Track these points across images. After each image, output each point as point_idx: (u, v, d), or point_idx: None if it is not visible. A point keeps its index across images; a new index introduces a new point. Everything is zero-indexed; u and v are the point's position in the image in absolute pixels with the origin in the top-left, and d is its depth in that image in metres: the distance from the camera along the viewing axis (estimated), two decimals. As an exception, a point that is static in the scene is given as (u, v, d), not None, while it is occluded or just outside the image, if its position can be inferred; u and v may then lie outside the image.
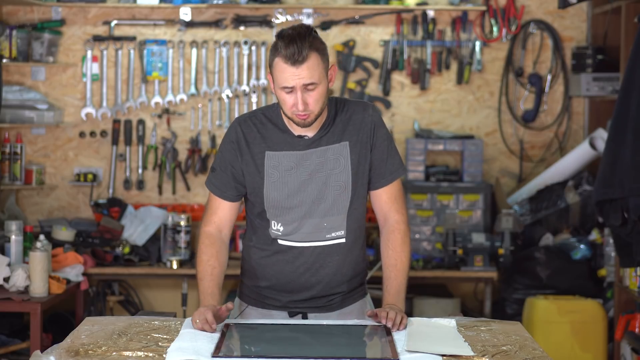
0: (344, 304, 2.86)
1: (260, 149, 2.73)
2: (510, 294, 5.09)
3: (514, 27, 5.43)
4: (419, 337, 2.45)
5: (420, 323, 2.65)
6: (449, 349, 2.34)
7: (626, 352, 4.46)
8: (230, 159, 2.76)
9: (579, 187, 5.22)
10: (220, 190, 2.78)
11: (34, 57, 5.31)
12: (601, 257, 5.03)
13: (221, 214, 2.80)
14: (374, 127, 2.76)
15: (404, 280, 2.81)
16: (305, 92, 2.58)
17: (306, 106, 2.59)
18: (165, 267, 5.00)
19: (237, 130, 2.76)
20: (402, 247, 2.82)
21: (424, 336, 2.47)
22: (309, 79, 2.57)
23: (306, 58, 2.55)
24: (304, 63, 2.55)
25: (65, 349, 2.29)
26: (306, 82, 2.57)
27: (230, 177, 2.76)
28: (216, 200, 2.79)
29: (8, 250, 4.46)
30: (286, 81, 2.57)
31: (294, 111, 2.61)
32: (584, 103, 5.53)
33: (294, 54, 2.54)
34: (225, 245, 2.80)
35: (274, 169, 2.72)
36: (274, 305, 2.84)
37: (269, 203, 2.74)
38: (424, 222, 5.22)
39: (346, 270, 2.83)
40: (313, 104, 2.60)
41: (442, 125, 5.51)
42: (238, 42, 5.39)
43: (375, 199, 2.83)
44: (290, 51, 2.54)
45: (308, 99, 2.59)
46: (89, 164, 5.47)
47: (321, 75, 2.60)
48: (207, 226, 2.80)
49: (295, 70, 2.55)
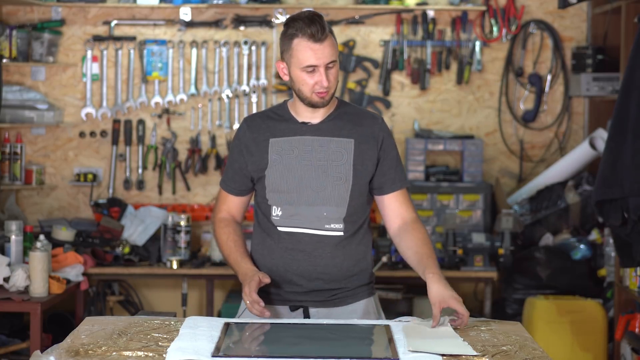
0: (348, 301, 2.87)
1: (265, 138, 2.84)
2: (510, 294, 5.09)
3: (514, 27, 5.43)
4: (418, 337, 2.45)
5: (417, 323, 2.65)
6: (450, 349, 2.34)
7: (626, 352, 4.46)
8: (236, 155, 2.90)
9: (579, 187, 5.22)
10: (226, 183, 2.94)
11: (34, 57, 5.31)
12: (601, 257, 5.03)
13: (230, 205, 2.95)
14: (383, 137, 2.87)
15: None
16: (328, 70, 2.72)
17: (329, 83, 2.73)
18: (165, 267, 5.00)
19: (242, 127, 2.91)
20: (427, 238, 2.88)
21: (423, 336, 2.47)
22: (331, 56, 2.71)
23: (327, 37, 2.70)
24: (326, 40, 2.70)
25: (65, 349, 2.29)
26: (330, 60, 2.71)
27: (237, 172, 2.90)
28: (223, 192, 2.96)
29: (8, 250, 4.46)
30: (310, 59, 2.70)
31: (315, 89, 2.74)
32: (584, 103, 5.53)
33: (318, 31, 2.68)
34: (239, 225, 2.96)
35: (276, 154, 2.82)
36: (275, 300, 2.85)
37: (270, 186, 2.82)
38: (424, 222, 5.19)
39: (347, 264, 2.84)
40: (333, 80, 2.75)
41: (442, 125, 5.51)
42: (238, 42, 5.39)
43: (390, 202, 2.89)
44: (313, 29, 2.68)
45: (330, 77, 2.73)
46: (89, 164, 5.47)
47: (337, 54, 2.75)
48: (219, 214, 2.96)
49: (320, 46, 2.69)
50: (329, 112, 2.85)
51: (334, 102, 2.87)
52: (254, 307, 2.66)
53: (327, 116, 2.84)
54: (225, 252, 2.90)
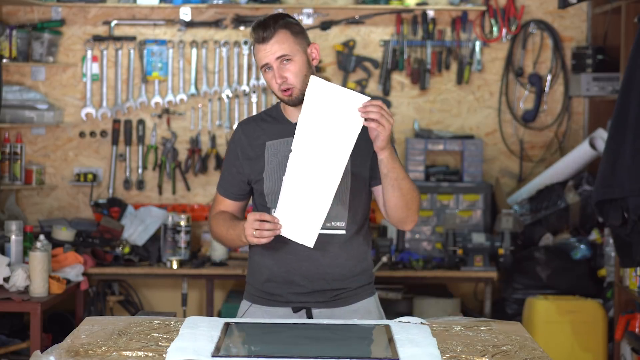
0: (350, 300, 2.86)
1: (261, 141, 2.84)
2: (510, 294, 5.09)
3: (514, 27, 5.43)
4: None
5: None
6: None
7: (626, 352, 4.46)
8: (232, 159, 2.90)
9: (579, 187, 5.22)
10: (224, 188, 2.93)
11: (34, 57, 5.31)
12: (601, 257, 5.03)
13: (227, 208, 2.94)
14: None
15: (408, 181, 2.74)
16: (281, 66, 2.75)
17: (284, 80, 2.74)
18: (165, 267, 5.00)
19: (238, 132, 2.91)
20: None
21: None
22: (279, 51, 2.73)
23: (273, 34, 2.75)
24: (272, 38, 2.74)
25: (65, 349, 2.29)
26: (277, 55, 2.74)
27: (234, 177, 2.89)
28: (220, 197, 2.95)
29: (8, 250, 4.46)
30: (261, 60, 2.77)
31: (276, 88, 2.77)
32: (584, 103, 5.53)
33: (262, 31, 2.75)
34: (232, 214, 2.94)
35: (273, 156, 2.82)
36: (277, 301, 2.85)
37: (268, 189, 2.81)
38: (424, 222, 5.22)
39: (349, 264, 2.84)
40: (292, 77, 2.75)
41: (442, 125, 5.51)
42: (238, 42, 5.39)
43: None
44: (259, 31, 2.76)
45: (285, 73, 2.75)
46: (89, 164, 5.47)
47: (294, 49, 2.75)
48: (214, 213, 2.96)
49: (265, 46, 2.75)
50: None
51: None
52: (262, 230, 2.63)
53: None
54: (223, 232, 2.86)
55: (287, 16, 2.81)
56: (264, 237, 2.66)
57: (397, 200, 2.74)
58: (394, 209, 2.76)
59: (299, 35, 2.77)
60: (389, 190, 2.72)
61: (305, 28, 2.86)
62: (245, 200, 2.93)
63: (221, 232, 2.89)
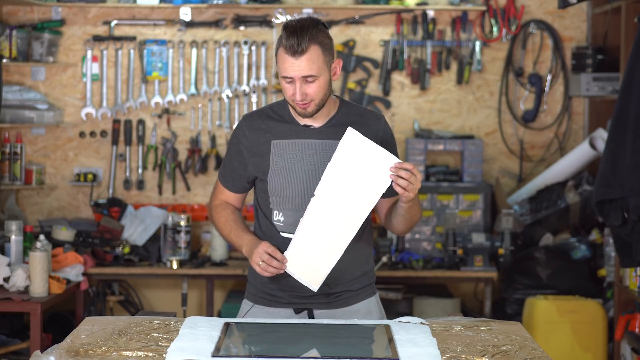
0: (351, 301, 2.87)
1: (266, 139, 2.81)
2: (510, 294, 5.09)
3: (514, 27, 5.43)
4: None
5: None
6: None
7: (626, 352, 4.46)
8: (234, 153, 2.88)
9: (579, 187, 5.22)
10: (225, 179, 2.93)
11: (34, 57, 5.31)
12: (601, 257, 5.03)
13: (227, 197, 2.95)
14: (387, 138, 2.84)
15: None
16: (305, 83, 2.66)
17: (305, 96, 2.68)
18: (165, 267, 5.00)
19: (242, 127, 2.86)
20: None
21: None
22: (308, 71, 2.64)
23: (305, 50, 2.62)
24: (303, 55, 2.62)
25: (65, 349, 2.29)
26: (305, 74, 2.64)
27: (235, 171, 2.88)
28: (221, 186, 2.95)
29: (8, 250, 4.46)
30: (286, 71, 2.66)
31: (293, 99, 2.69)
32: (584, 103, 5.53)
33: (294, 45, 2.61)
34: (235, 209, 2.94)
35: (279, 157, 2.79)
36: (279, 302, 2.85)
37: (273, 190, 2.80)
38: (424, 222, 5.22)
39: (351, 268, 2.83)
40: (312, 94, 2.68)
41: (442, 125, 5.51)
42: (238, 42, 5.39)
43: (388, 203, 2.84)
44: (290, 42, 2.62)
45: (307, 90, 2.67)
46: (89, 164, 5.47)
47: (321, 68, 2.66)
48: (215, 201, 2.96)
49: (295, 61, 2.63)
50: (330, 115, 2.80)
51: (335, 104, 2.82)
52: (270, 265, 2.66)
53: (328, 119, 2.79)
54: (225, 232, 2.88)
55: (320, 23, 2.69)
56: (268, 271, 2.68)
57: (402, 223, 2.80)
58: (395, 226, 2.83)
59: (328, 51, 2.68)
60: (397, 218, 2.78)
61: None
62: (245, 192, 2.94)
63: (223, 231, 2.90)
